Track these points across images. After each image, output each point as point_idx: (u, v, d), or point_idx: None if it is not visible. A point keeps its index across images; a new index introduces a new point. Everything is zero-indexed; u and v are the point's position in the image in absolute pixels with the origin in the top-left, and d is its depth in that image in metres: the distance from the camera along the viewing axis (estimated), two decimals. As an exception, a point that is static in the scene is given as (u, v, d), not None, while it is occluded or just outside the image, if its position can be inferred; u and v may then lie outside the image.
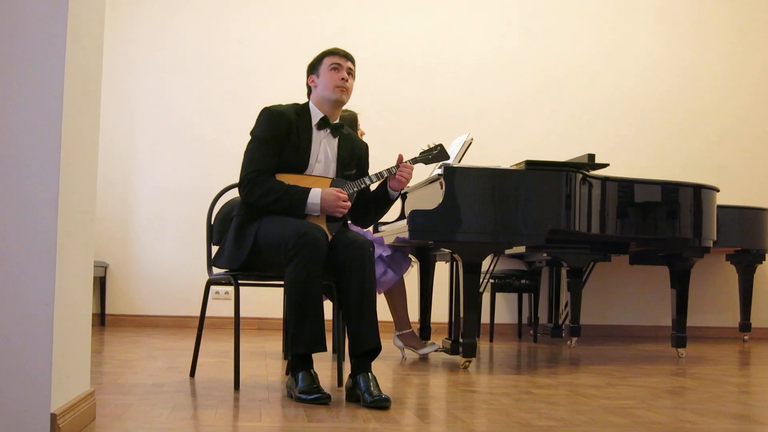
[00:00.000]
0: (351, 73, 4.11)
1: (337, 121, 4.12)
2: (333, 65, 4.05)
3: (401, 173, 4.06)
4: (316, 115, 4.06)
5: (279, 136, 3.93)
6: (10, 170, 2.49)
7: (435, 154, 4.30)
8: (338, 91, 4.04)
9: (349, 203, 3.92)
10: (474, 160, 5.59)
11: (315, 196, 3.87)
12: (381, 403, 3.43)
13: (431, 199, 5.12)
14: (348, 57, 4.12)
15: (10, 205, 2.49)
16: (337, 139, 4.11)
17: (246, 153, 3.99)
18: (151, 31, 8.10)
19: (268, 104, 4.06)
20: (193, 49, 8.10)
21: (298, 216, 3.88)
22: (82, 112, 2.73)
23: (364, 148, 4.31)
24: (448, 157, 4.37)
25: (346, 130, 4.17)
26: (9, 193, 2.49)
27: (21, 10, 2.53)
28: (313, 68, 4.12)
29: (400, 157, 4.10)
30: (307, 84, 4.15)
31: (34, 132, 2.50)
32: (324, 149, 4.05)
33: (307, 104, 4.12)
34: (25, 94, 2.51)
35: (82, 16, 2.69)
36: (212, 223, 4.37)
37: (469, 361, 5.00)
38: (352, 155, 4.17)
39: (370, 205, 4.18)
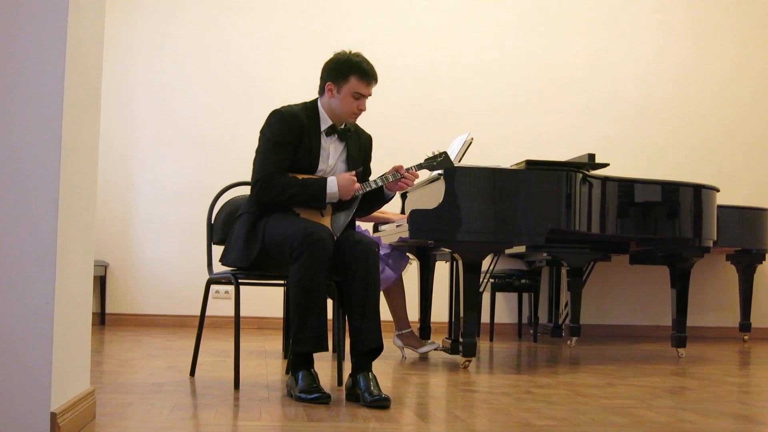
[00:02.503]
0: (369, 96, 4.05)
1: (343, 126, 4.06)
2: (356, 94, 3.95)
3: (405, 182, 4.05)
4: (325, 121, 4.01)
5: (292, 141, 3.89)
6: (11, 169, 2.50)
7: (439, 161, 4.30)
8: (353, 117, 4.03)
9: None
10: (474, 159, 5.59)
11: (332, 185, 3.86)
12: (381, 403, 3.44)
13: (431, 198, 5.12)
14: (374, 82, 4.03)
15: (11, 204, 2.49)
16: (344, 142, 4.07)
17: (258, 153, 3.94)
18: (152, 29, 8.10)
19: (269, 103, 4.06)
20: (193, 48, 8.09)
21: (319, 207, 3.90)
22: (82, 110, 2.74)
23: (369, 140, 4.25)
24: (452, 165, 4.36)
25: (352, 128, 4.12)
26: (9, 193, 2.49)
27: (21, 9, 2.53)
28: (337, 78, 3.96)
29: (400, 168, 4.06)
30: (323, 85, 4.02)
31: (34, 131, 2.50)
32: (333, 154, 4.03)
33: (316, 105, 4.05)
34: (25, 94, 2.51)
35: (82, 16, 2.69)
36: (212, 222, 4.38)
37: (469, 361, 5.00)
38: (360, 150, 4.14)
39: (365, 200, 4.15)
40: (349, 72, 3.95)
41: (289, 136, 3.89)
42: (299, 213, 3.90)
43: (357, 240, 3.79)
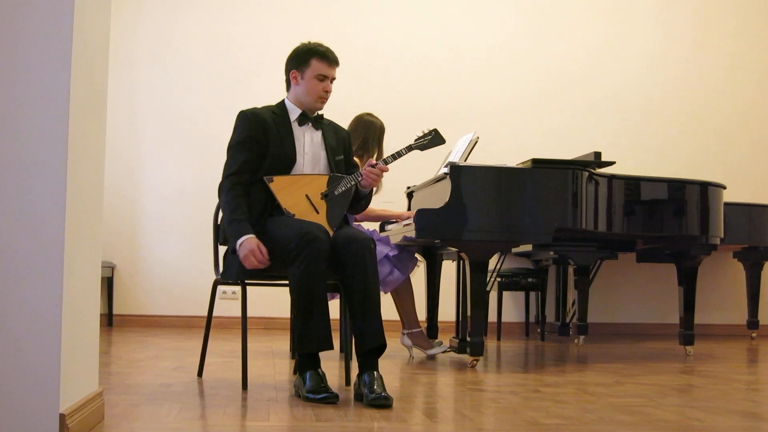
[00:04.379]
0: (333, 80, 4.14)
1: (315, 114, 4.16)
2: (319, 76, 4.07)
3: (374, 175, 4.01)
4: (294, 112, 4.12)
5: (255, 136, 3.98)
6: (18, 171, 2.50)
7: (430, 139, 4.31)
8: (320, 102, 4.11)
9: (265, 261, 3.81)
10: (479, 158, 5.58)
11: (241, 241, 3.79)
12: (380, 401, 3.42)
13: (438, 197, 5.12)
14: (335, 64, 4.14)
15: (18, 206, 2.49)
16: (320, 131, 4.15)
17: (226, 156, 4.05)
18: (156, 31, 8.11)
19: (260, 106, 4.13)
20: (198, 49, 8.11)
21: (227, 245, 3.97)
22: (88, 112, 2.74)
23: (348, 135, 4.37)
24: (444, 141, 4.36)
25: (326, 120, 4.21)
26: (17, 195, 2.50)
27: (27, 11, 2.53)
28: (299, 65, 4.12)
29: (370, 161, 4.08)
30: (288, 78, 4.17)
31: (41, 133, 2.51)
32: (309, 142, 4.10)
33: (282, 102, 4.17)
34: (32, 96, 2.52)
35: (87, 18, 2.69)
36: (219, 223, 4.38)
37: (477, 360, 5.00)
38: (338, 141, 4.21)
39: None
40: (309, 56, 4.09)
41: (252, 131, 3.98)
42: (294, 214, 3.91)
43: (352, 238, 3.79)
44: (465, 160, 5.31)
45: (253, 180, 3.97)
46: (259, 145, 3.97)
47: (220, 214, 4.36)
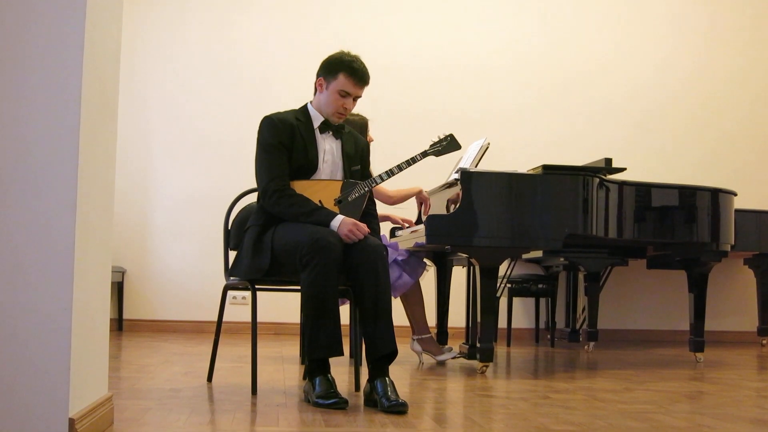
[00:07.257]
0: (357, 98, 4.09)
1: (337, 123, 4.13)
2: (342, 91, 4.01)
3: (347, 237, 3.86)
4: (317, 119, 4.10)
5: (285, 142, 3.97)
6: (29, 177, 2.51)
7: (445, 144, 4.29)
8: (336, 116, 4.08)
9: (360, 234, 3.83)
10: (490, 164, 5.58)
11: (336, 223, 3.82)
12: (398, 408, 3.43)
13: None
14: (363, 84, 4.06)
15: (29, 211, 2.50)
16: (340, 140, 4.14)
17: (258, 162, 4.02)
18: (166, 38, 8.13)
19: (283, 110, 4.11)
20: (207, 56, 8.12)
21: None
22: (99, 119, 2.75)
23: (367, 145, 4.34)
24: (459, 147, 4.34)
25: (347, 129, 4.20)
26: (27, 199, 2.50)
27: (39, 19, 2.54)
28: (327, 74, 4.05)
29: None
30: (315, 83, 4.13)
31: (52, 139, 2.52)
32: (330, 149, 4.09)
33: (305, 107, 4.15)
34: (43, 103, 2.53)
35: (99, 26, 2.70)
36: (229, 228, 4.39)
37: (487, 366, 4.99)
38: (356, 151, 4.20)
39: None
40: (338, 69, 4.03)
41: (280, 137, 3.97)
42: None
43: (365, 244, 3.79)
44: (476, 166, 5.31)
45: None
46: (287, 150, 3.97)
47: (231, 219, 4.38)
